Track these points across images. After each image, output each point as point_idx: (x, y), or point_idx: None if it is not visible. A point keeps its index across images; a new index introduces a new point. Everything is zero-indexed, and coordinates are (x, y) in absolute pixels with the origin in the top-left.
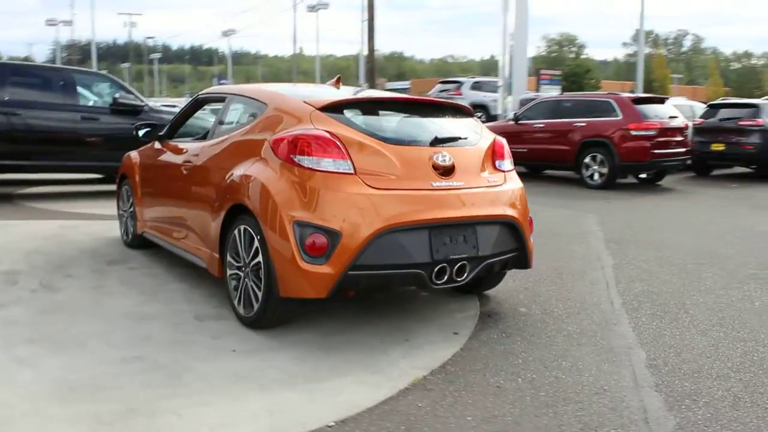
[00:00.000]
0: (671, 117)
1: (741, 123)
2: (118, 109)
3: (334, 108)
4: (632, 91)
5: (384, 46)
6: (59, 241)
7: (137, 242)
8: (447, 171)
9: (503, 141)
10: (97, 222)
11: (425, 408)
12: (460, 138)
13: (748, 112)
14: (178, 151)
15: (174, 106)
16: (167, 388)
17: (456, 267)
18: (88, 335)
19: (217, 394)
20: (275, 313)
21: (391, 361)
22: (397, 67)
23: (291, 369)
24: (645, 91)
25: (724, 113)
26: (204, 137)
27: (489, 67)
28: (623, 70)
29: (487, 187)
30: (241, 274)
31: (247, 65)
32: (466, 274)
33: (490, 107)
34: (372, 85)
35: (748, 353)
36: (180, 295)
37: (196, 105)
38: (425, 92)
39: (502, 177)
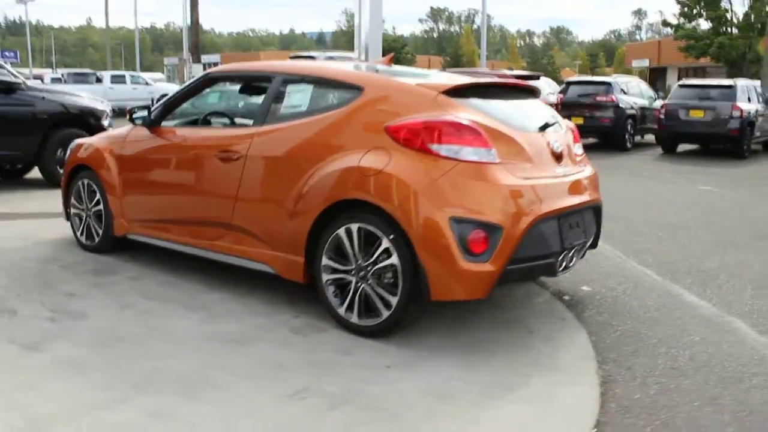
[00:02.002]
0: (549, 93)
1: (597, 99)
2: None
3: (456, 92)
4: (510, 68)
5: (178, 17)
6: None
7: (107, 246)
8: (558, 157)
9: (572, 124)
10: (8, 222)
11: (647, 399)
12: (556, 122)
13: (602, 89)
14: (201, 139)
15: None
16: (385, 422)
17: (570, 253)
18: (200, 370)
19: (450, 420)
20: (410, 319)
21: (547, 355)
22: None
23: (474, 379)
24: (455, 65)
25: (580, 90)
26: (204, 122)
27: (290, 40)
28: (420, 45)
29: (581, 172)
30: (351, 278)
31: (26, 36)
32: (575, 260)
33: None
34: (198, 59)
35: None
36: (239, 307)
37: (205, 84)
38: None
39: (584, 160)
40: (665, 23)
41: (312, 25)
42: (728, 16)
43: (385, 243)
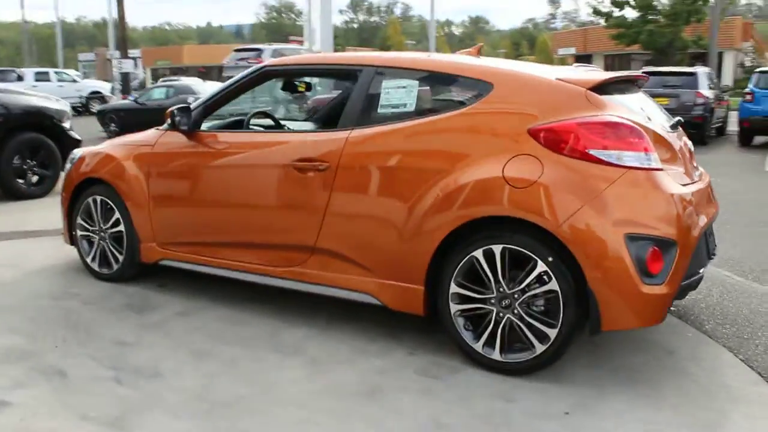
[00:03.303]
0: None
1: None
2: None
3: (602, 88)
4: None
5: (92, 12)
6: None
7: (131, 273)
8: (692, 160)
9: None
10: None
11: None
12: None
13: None
14: (264, 146)
15: None
16: None
17: (707, 265)
18: None
19: None
20: (564, 352)
21: (710, 380)
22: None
23: (670, 420)
24: None
25: None
26: (271, 125)
27: (208, 34)
28: (341, 35)
29: (705, 176)
30: (490, 308)
31: None
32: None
33: None
34: (125, 54)
35: None
36: (338, 347)
37: (258, 80)
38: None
39: None
40: (596, 12)
41: (229, 18)
42: (655, 4)
43: (541, 266)
